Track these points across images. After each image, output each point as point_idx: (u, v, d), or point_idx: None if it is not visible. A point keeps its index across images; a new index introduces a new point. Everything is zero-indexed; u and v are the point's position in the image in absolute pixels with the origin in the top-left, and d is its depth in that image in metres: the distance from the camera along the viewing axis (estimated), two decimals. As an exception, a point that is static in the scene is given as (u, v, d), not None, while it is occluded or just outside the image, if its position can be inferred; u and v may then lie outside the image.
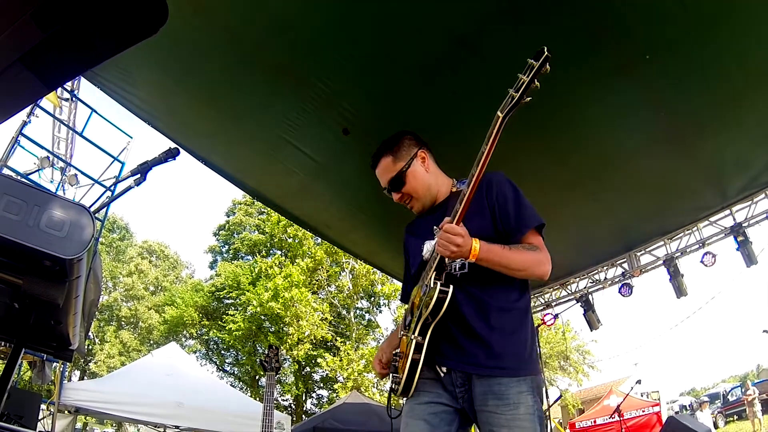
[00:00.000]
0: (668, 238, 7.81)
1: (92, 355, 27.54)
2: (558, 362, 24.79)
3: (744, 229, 7.08)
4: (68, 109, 8.05)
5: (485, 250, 1.78)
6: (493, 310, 1.89)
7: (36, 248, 0.97)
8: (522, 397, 1.79)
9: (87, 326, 5.65)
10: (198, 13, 3.97)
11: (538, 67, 1.69)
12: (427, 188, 2.19)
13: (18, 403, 4.57)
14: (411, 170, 2.18)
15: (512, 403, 1.77)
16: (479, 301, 1.90)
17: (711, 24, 4.02)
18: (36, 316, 1.33)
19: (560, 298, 9.53)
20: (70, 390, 8.72)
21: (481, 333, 1.86)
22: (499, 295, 1.93)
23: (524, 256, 1.87)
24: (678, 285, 7.79)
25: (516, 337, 1.90)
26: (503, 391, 1.80)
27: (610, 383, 24.41)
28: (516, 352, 1.87)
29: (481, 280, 1.89)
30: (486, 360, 1.84)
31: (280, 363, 5.00)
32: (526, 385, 1.82)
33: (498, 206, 1.99)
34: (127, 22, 0.80)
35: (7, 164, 6.66)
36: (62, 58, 0.82)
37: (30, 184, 1.18)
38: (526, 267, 1.87)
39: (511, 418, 1.76)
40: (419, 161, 2.20)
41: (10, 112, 0.92)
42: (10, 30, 0.72)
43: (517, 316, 1.94)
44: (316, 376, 25.52)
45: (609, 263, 8.54)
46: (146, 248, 34.80)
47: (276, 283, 21.63)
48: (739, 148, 5.69)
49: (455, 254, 1.75)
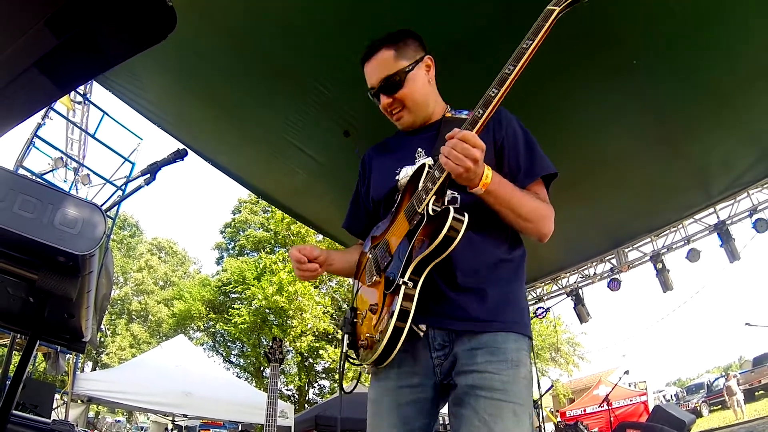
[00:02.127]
0: (655, 235, 7.83)
1: (104, 347, 27.53)
2: (549, 354, 24.87)
3: (727, 227, 7.10)
4: (81, 111, 8.05)
5: (497, 181, 1.40)
6: (490, 256, 1.51)
7: (50, 245, 0.97)
8: (521, 355, 1.41)
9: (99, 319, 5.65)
10: (204, 19, 3.96)
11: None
12: (425, 100, 1.74)
13: (33, 393, 4.58)
14: (413, 73, 1.69)
15: (510, 360, 1.38)
16: (475, 247, 1.48)
17: (697, 29, 4.02)
18: (50, 309, 1.33)
19: (551, 293, 9.55)
20: (83, 380, 8.74)
21: (474, 281, 1.46)
22: (495, 241, 1.54)
23: (535, 204, 1.49)
24: (664, 280, 7.81)
25: (514, 289, 1.52)
26: (500, 344, 1.40)
27: (599, 374, 24.42)
28: (515, 307, 1.49)
29: (477, 220, 1.42)
30: (480, 313, 1.43)
31: (283, 354, 5.00)
32: (525, 343, 1.45)
33: (508, 143, 1.61)
34: (137, 29, 0.80)
35: (22, 164, 6.66)
36: (75, 63, 0.82)
37: (44, 183, 1.18)
38: (534, 218, 1.48)
39: (508, 379, 1.35)
40: (424, 67, 1.75)
41: (25, 115, 0.92)
42: (26, 36, 0.72)
43: (513, 268, 1.55)
44: (318, 367, 25.49)
45: (598, 259, 8.56)
46: (156, 245, 34.80)
47: (280, 277, 21.64)
48: (725, 149, 5.70)
49: (466, 174, 1.31)
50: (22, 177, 1.02)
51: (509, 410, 1.31)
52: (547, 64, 4.35)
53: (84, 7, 0.72)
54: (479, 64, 4.32)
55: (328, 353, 21.19)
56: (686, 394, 23.72)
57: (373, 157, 1.91)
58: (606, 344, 65.58)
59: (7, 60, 0.76)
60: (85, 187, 7.96)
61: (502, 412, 1.30)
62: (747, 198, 6.85)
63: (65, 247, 0.98)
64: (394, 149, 1.81)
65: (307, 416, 11.78)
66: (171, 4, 0.76)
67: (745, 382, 17.27)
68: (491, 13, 3.88)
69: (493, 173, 1.38)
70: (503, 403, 1.31)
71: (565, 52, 4.20)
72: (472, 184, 1.35)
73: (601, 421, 14.67)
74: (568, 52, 4.21)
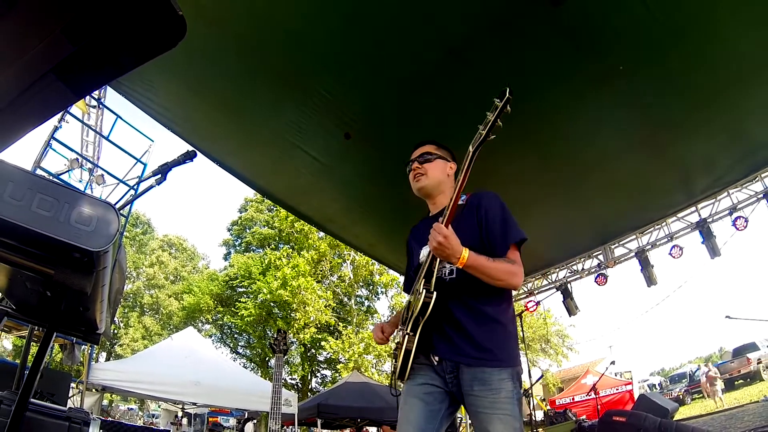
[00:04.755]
0: (640, 233, 7.84)
1: (117, 338, 27.51)
2: (539, 345, 24.86)
3: (708, 225, 7.11)
4: (95, 115, 8.04)
5: (473, 258, 1.89)
6: (482, 311, 2.01)
7: (66, 241, 0.97)
8: (503, 383, 1.91)
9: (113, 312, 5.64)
10: (212, 27, 3.96)
11: (501, 107, 1.74)
12: (438, 182, 2.28)
13: (50, 382, 4.57)
14: (439, 162, 2.30)
15: (494, 389, 1.90)
16: (468, 304, 2.02)
17: (679, 36, 4.02)
18: (66, 303, 1.33)
19: (542, 287, 9.55)
20: (97, 370, 8.73)
21: (469, 331, 1.98)
22: (487, 299, 2.03)
23: (505, 267, 1.97)
24: (648, 275, 7.83)
25: (500, 332, 2.02)
26: (487, 378, 1.92)
27: (586, 364, 24.47)
28: (499, 347, 1.98)
29: (469, 284, 2.00)
30: (473, 352, 1.96)
31: (287, 345, 5.00)
32: (506, 374, 1.94)
33: (486, 221, 2.09)
34: (149, 37, 0.80)
35: (40, 165, 6.65)
36: (90, 69, 0.82)
37: (61, 183, 1.17)
38: (504, 277, 1.96)
39: (493, 400, 1.89)
40: (448, 166, 2.33)
41: (43, 118, 0.92)
42: (44, 44, 0.72)
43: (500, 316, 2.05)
44: (320, 357, 25.49)
45: (586, 255, 8.57)
46: (166, 241, 34.74)
47: (284, 272, 21.63)
48: (706, 151, 5.71)
49: (440, 250, 1.85)
50: (39, 177, 1.02)
51: (497, 419, 1.86)
52: (541, 79, 4.38)
53: (99, 16, 0.72)
54: (475, 70, 4.34)
55: (330, 344, 21.17)
56: (669, 383, 23.74)
57: (410, 240, 2.46)
58: (593, 336, 65.72)
59: (25, 66, 0.76)
60: (100, 186, 7.95)
61: (492, 420, 1.86)
62: (727, 197, 6.86)
63: (81, 244, 0.98)
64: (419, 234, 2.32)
65: (310, 404, 11.79)
66: (181, 13, 0.76)
67: (725, 372, 17.26)
68: (485, 21, 3.87)
69: (469, 253, 1.88)
70: (492, 415, 1.87)
71: (558, 64, 4.24)
72: (453, 260, 1.88)
73: (588, 409, 14.68)
74: (559, 63, 4.24)
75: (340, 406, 11.00)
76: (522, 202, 5.95)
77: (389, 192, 5.52)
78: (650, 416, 5.44)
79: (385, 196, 6.03)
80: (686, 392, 18.73)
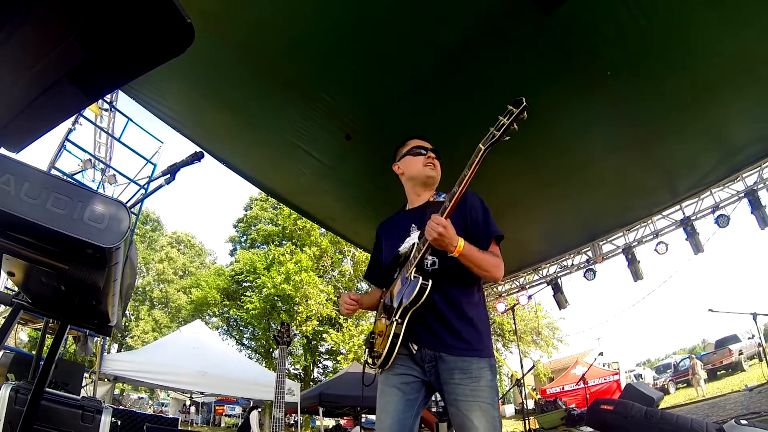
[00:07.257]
0: (627, 230, 7.85)
1: (128, 330, 27.52)
2: (531, 337, 24.86)
3: (692, 222, 7.13)
4: (108, 118, 8.03)
5: (467, 248, 1.91)
6: (461, 303, 2.02)
7: (80, 238, 0.97)
8: (483, 372, 1.92)
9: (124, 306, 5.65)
10: (219, 34, 3.96)
11: (518, 113, 1.76)
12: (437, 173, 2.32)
13: (64, 372, 4.57)
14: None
15: (475, 377, 1.91)
16: (448, 295, 2.02)
17: (664, 42, 4.03)
18: (80, 297, 1.33)
19: (533, 281, 9.56)
20: (109, 361, 8.74)
21: (451, 321, 1.99)
22: (464, 291, 2.06)
23: (491, 260, 2.01)
24: (635, 270, 7.83)
25: (478, 325, 2.03)
26: (467, 367, 1.93)
27: (576, 355, 24.47)
28: (479, 338, 2.00)
29: (449, 276, 2.02)
30: (454, 342, 1.97)
31: (290, 337, 5.00)
32: (485, 363, 1.96)
33: (472, 219, 2.13)
34: (159, 43, 0.80)
35: (55, 165, 6.64)
36: (102, 74, 0.82)
37: (75, 183, 1.18)
38: (490, 269, 1.99)
39: (474, 388, 1.89)
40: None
41: (57, 121, 0.92)
42: (59, 50, 0.72)
43: (476, 309, 2.07)
44: (322, 348, 25.49)
45: (575, 251, 8.57)
46: (175, 238, 34.71)
47: (287, 268, 21.63)
48: (689, 152, 5.72)
49: (440, 240, 1.85)
50: (54, 177, 1.02)
51: (477, 407, 1.85)
52: (532, 83, 4.38)
53: (111, 23, 0.72)
54: (469, 76, 4.34)
55: (331, 336, 21.18)
56: (655, 374, 23.77)
57: (383, 230, 2.41)
58: (582, 328, 65.76)
59: (41, 71, 0.76)
60: (111, 186, 7.94)
61: (472, 407, 1.85)
62: (710, 196, 6.87)
63: (93, 241, 0.98)
64: (395, 227, 2.30)
65: (312, 393, 11.82)
66: (189, 21, 0.76)
67: (707, 363, 17.29)
68: (478, 30, 3.88)
69: (465, 243, 1.89)
70: (473, 403, 1.86)
71: (548, 69, 4.24)
72: (450, 248, 1.87)
73: (577, 398, 14.70)
74: (549, 68, 4.23)
75: (340, 395, 11.03)
76: (514, 201, 5.97)
77: (388, 191, 5.52)
78: (636, 405, 5.44)
79: (383, 196, 6.02)
80: (671, 382, 18.75)
